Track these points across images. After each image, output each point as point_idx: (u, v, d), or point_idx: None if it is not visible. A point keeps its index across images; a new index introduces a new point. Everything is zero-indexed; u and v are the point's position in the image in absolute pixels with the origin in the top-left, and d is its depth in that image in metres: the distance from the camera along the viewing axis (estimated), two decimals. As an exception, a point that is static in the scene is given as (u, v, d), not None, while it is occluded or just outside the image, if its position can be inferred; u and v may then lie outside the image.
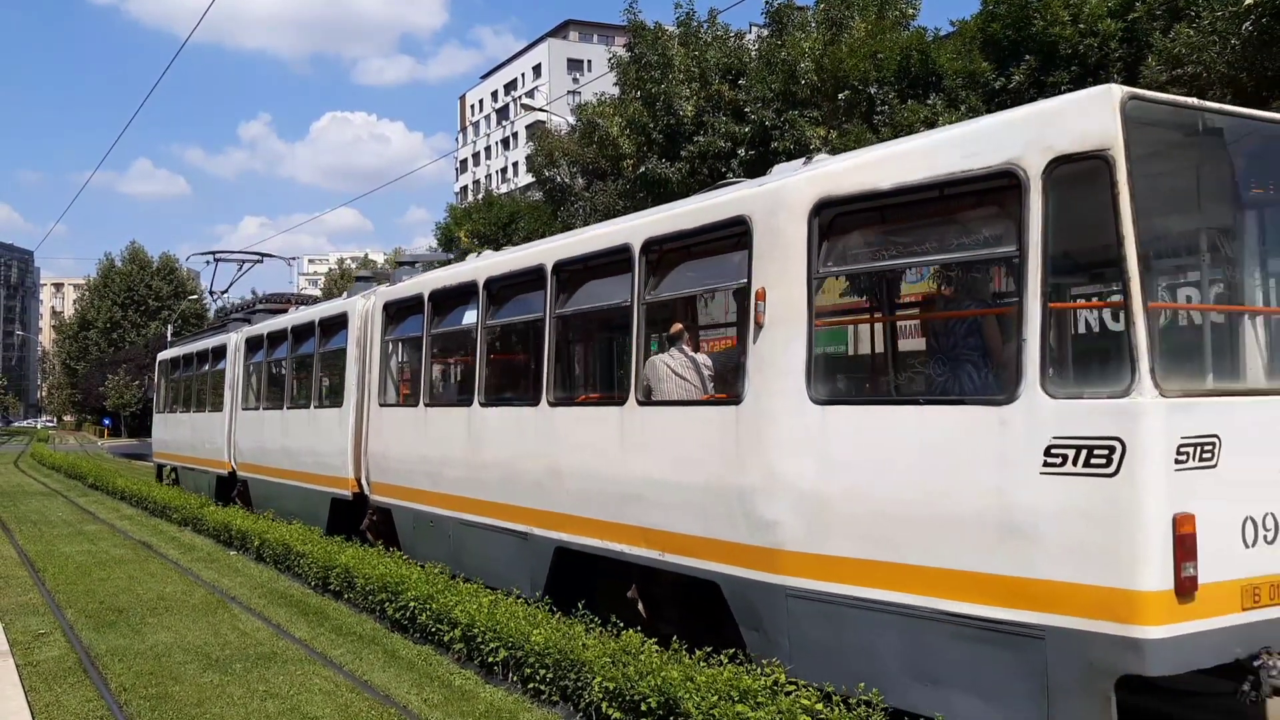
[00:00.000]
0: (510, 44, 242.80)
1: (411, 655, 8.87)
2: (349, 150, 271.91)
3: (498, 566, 10.21)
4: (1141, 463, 5.21)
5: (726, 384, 7.89)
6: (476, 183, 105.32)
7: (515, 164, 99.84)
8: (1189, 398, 5.44)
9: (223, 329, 22.81)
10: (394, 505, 12.80)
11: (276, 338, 17.76)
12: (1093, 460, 5.35)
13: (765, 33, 20.27)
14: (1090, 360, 6.24)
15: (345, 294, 17.02)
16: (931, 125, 14.99)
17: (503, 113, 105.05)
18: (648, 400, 8.17)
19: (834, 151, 16.26)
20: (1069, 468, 5.43)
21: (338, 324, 14.87)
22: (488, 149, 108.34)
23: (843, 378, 7.74)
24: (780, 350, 6.82)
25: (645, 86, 20.00)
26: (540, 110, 36.63)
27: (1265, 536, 5.59)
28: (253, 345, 18.98)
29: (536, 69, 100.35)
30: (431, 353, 12.36)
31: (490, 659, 7.99)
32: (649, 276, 8.18)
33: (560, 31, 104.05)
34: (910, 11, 17.98)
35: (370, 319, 13.65)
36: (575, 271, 9.35)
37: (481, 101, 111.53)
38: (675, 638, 7.34)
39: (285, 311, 19.35)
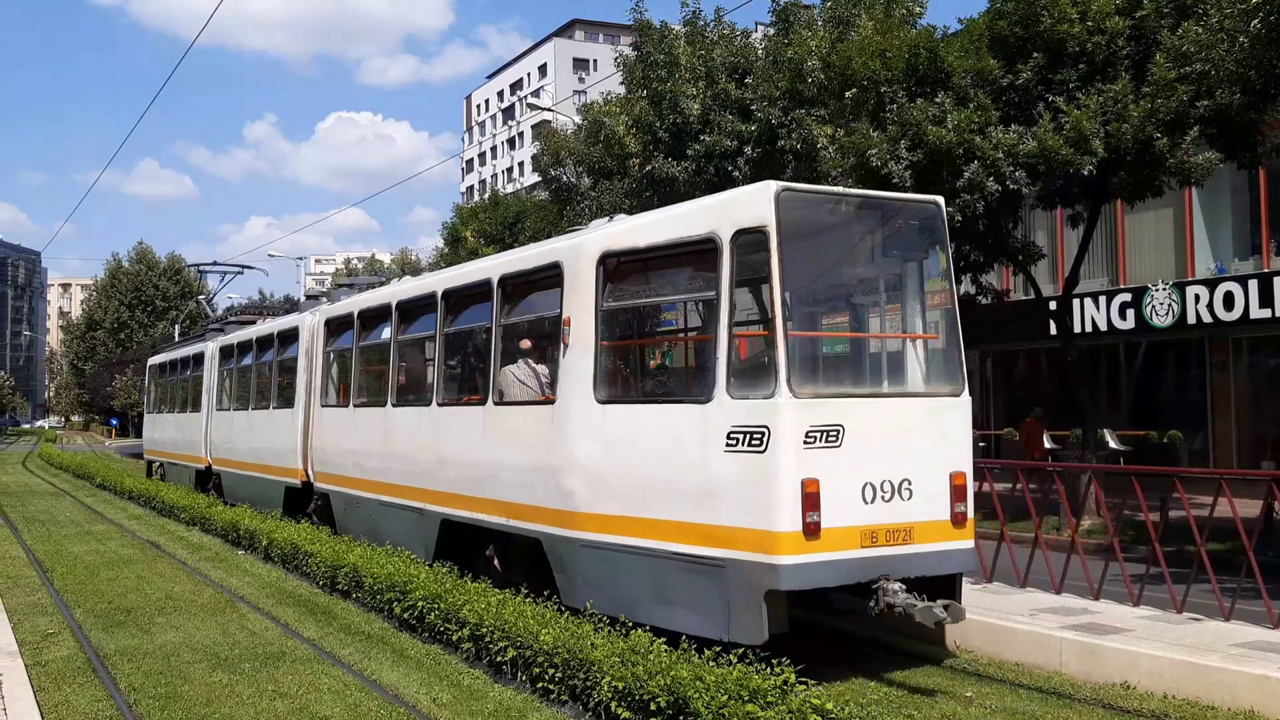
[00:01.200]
0: (515, 44, 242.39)
1: (420, 654, 8.87)
2: (355, 150, 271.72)
3: (403, 537, 12.20)
4: (780, 444, 7.43)
5: (553, 389, 9.73)
6: (483, 182, 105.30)
7: (521, 164, 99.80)
8: (818, 399, 7.75)
9: (202, 338, 25.34)
10: (331, 490, 15.00)
11: (244, 347, 19.89)
12: (752, 442, 7.54)
13: (772, 32, 20.21)
14: (757, 372, 8.12)
15: (299, 310, 19.41)
16: (940, 123, 14.95)
17: (508, 112, 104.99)
18: (501, 401, 10.36)
19: (841, 150, 16.28)
20: (740, 447, 7.64)
21: (291, 336, 17.03)
22: (494, 149, 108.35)
23: (616, 384, 9.66)
24: (578, 363, 9.01)
25: (651, 85, 19.92)
26: (546, 110, 36.56)
27: (883, 496, 7.84)
28: (225, 353, 21.21)
29: (542, 69, 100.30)
30: (359, 362, 14.64)
31: (499, 658, 7.98)
32: (503, 304, 10.57)
33: (566, 31, 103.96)
34: (917, 10, 17.82)
35: (316, 332, 15.85)
36: (457, 298, 11.72)
37: (487, 101, 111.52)
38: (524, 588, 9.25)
39: (255, 323, 21.35)
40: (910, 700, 7.55)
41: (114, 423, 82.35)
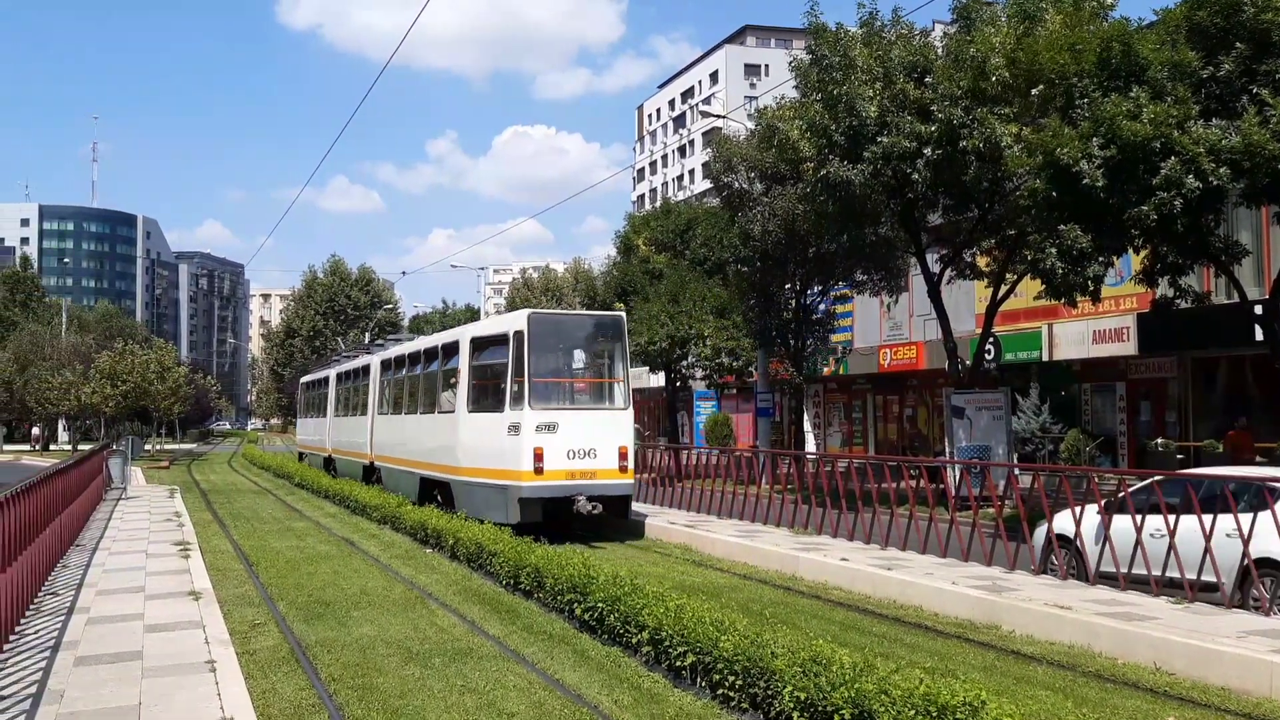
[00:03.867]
0: (685, 52, 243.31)
1: (600, 656, 9.01)
2: (529, 163, 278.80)
3: (405, 489, 21.66)
4: (524, 431, 16.48)
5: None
6: (653, 191, 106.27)
7: (691, 171, 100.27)
8: (544, 410, 16.66)
9: (328, 365, 37.60)
10: (381, 465, 25.10)
11: (346, 375, 31.25)
12: (516, 431, 16.51)
13: (952, 29, 19.66)
14: (521, 397, 16.63)
15: (369, 351, 29.94)
16: (1135, 118, 14.24)
17: (679, 121, 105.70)
18: (440, 411, 19.62)
19: (1028, 149, 15.75)
20: (512, 434, 16.65)
21: (366, 370, 27.69)
22: (664, 157, 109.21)
23: (475, 401, 18.28)
24: (463, 392, 18.25)
25: (826, 88, 19.61)
26: (718, 116, 36.59)
27: (579, 456, 16.61)
28: (339, 378, 32.36)
29: (714, 76, 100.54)
30: (393, 387, 24.76)
31: (678, 663, 8.03)
32: (443, 359, 20.03)
33: (738, 38, 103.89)
34: (1109, 1, 17.08)
35: (375, 368, 26.49)
36: (427, 354, 21.75)
37: (659, 110, 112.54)
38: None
39: (356, 358, 31.32)
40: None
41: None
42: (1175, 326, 22.80)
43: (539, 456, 16.37)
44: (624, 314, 18.91)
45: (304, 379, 43.27)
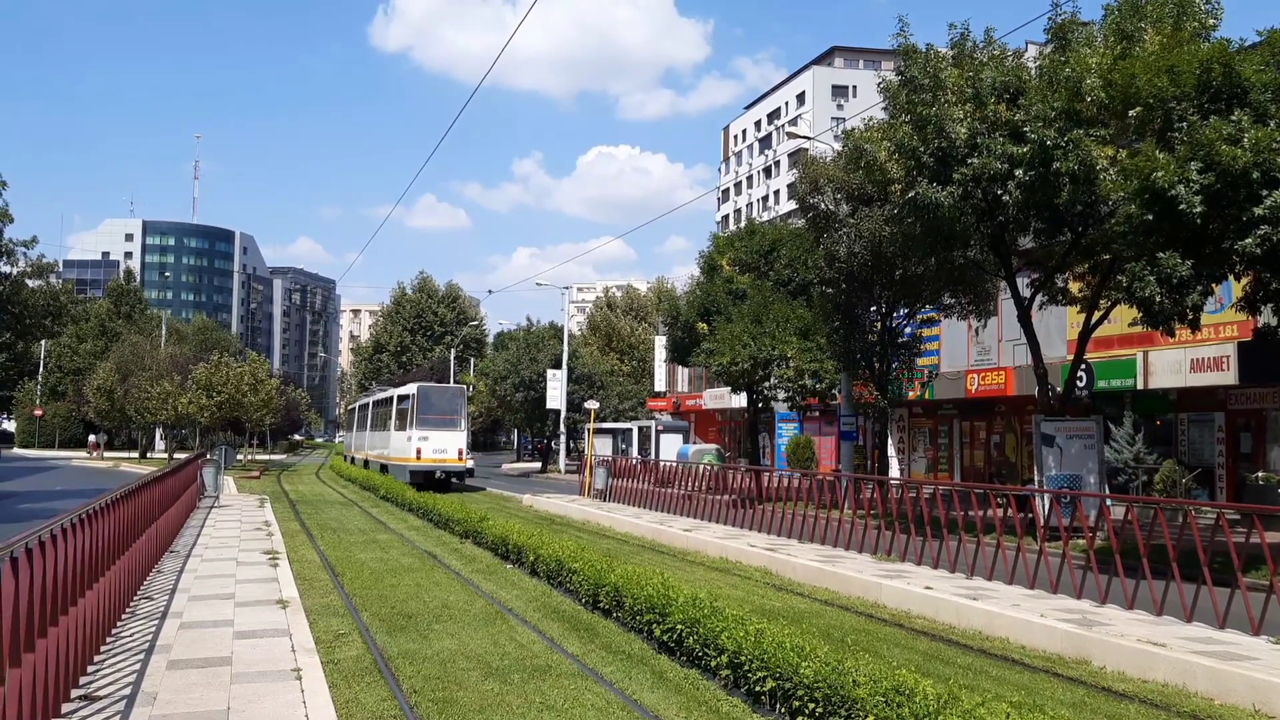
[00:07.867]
0: (769, 74, 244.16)
1: (678, 678, 8.97)
2: (613, 183, 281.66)
3: (376, 469, 43.03)
4: (413, 440, 37.53)
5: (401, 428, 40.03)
6: (737, 211, 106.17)
7: (776, 192, 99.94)
8: (423, 429, 37.54)
9: (364, 395, 61.63)
10: (371, 460, 46.94)
11: (363, 406, 54.36)
12: (410, 439, 38.00)
13: (1047, 49, 19.29)
14: (414, 423, 37.57)
15: (371, 395, 54.59)
16: (1235, 142, 13.82)
17: (765, 142, 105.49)
18: (386, 430, 43.40)
19: (1123, 173, 15.37)
20: (409, 440, 37.85)
21: (369, 404, 51.68)
22: (749, 178, 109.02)
23: (398, 425, 40.23)
24: (397, 418, 40.62)
25: (915, 109, 19.39)
26: (806, 137, 36.46)
27: (438, 451, 37.44)
28: (360, 408, 55.88)
29: (800, 97, 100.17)
30: (380, 416, 46.43)
31: (757, 688, 7.96)
32: (389, 403, 43.56)
33: (825, 59, 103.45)
34: (1210, 22, 16.61)
35: (371, 403, 50.95)
36: (385, 400, 46.05)
37: (744, 131, 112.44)
38: None
39: (365, 398, 56.09)
40: None
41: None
42: (1279, 356, 22.03)
43: (419, 451, 36.43)
44: (466, 386, 41.14)
45: (351, 405, 69.38)
